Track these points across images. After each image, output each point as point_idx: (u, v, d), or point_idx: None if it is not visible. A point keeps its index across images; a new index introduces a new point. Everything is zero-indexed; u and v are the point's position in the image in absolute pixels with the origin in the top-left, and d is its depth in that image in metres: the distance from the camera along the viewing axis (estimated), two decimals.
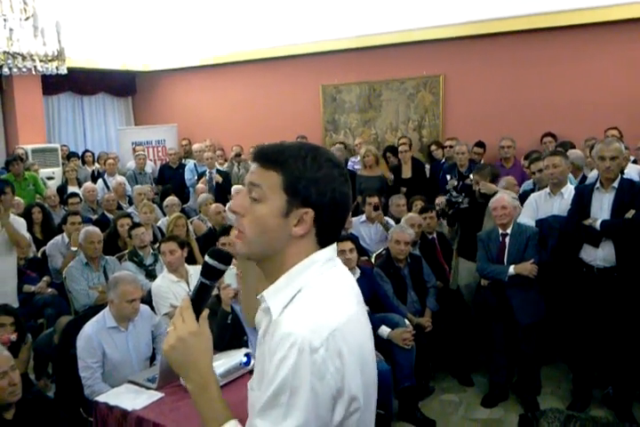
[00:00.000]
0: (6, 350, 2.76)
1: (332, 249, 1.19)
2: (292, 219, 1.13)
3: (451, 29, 7.73)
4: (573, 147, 6.31)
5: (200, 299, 1.23)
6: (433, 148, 7.71)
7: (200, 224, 6.30)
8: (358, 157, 7.44)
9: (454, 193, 4.91)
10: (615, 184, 3.81)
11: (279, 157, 1.14)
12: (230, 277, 3.46)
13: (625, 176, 3.98)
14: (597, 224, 3.73)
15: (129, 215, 5.90)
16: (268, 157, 1.15)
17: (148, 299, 4.05)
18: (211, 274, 1.23)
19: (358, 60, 8.74)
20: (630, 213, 3.70)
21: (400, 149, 7.17)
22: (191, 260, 4.95)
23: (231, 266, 3.75)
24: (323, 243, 1.17)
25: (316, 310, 1.08)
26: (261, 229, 1.15)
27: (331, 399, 1.05)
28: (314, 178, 1.12)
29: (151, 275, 4.88)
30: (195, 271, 4.36)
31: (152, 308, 3.89)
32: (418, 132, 8.50)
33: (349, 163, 7.88)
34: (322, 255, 1.16)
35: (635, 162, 5.77)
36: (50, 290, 5.12)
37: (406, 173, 7.09)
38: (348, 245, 4.13)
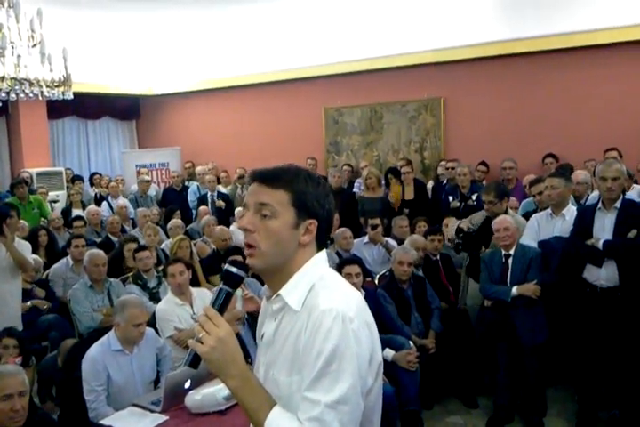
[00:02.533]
0: (24, 375, 2.72)
1: (325, 251, 1.41)
2: (300, 229, 1.33)
3: (450, 53, 7.85)
4: (572, 169, 6.35)
5: (223, 306, 1.32)
6: (443, 163, 7.70)
7: (204, 246, 6.32)
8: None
9: (465, 227, 4.86)
10: (617, 204, 3.84)
11: (284, 178, 1.33)
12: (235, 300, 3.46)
13: (626, 197, 4.00)
14: (600, 244, 3.75)
15: (136, 240, 5.91)
16: (274, 178, 1.34)
17: (151, 322, 4.05)
18: (232, 281, 1.33)
19: (360, 83, 8.85)
20: (632, 233, 3.72)
21: (402, 170, 7.22)
22: (194, 283, 4.95)
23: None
24: (320, 247, 1.39)
25: (339, 292, 1.31)
26: (275, 241, 1.31)
27: (368, 363, 1.26)
28: (315, 193, 1.35)
29: (155, 298, 4.89)
30: (198, 294, 4.36)
31: (156, 330, 3.90)
32: (419, 154, 8.56)
33: (355, 184, 7.92)
34: (323, 256, 1.39)
35: (637, 182, 5.80)
36: (45, 306, 5.10)
37: (409, 194, 7.12)
38: (355, 269, 4.13)
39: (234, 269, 1.33)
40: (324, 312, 1.23)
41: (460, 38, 7.73)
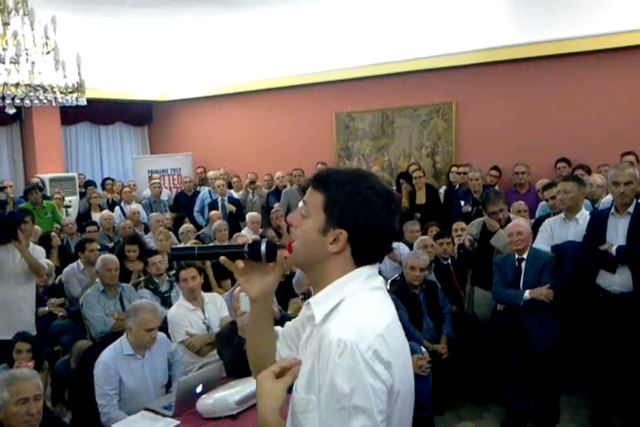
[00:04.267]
0: (38, 378, 2.74)
1: (372, 267, 1.30)
2: (329, 237, 1.27)
3: (462, 57, 7.84)
4: (589, 170, 6.32)
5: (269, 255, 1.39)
6: (454, 168, 7.67)
7: None
8: None
9: (467, 243, 4.81)
10: (630, 209, 3.82)
11: (325, 180, 1.30)
12: (246, 303, 3.46)
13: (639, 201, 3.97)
14: (613, 250, 3.72)
15: (137, 241, 5.91)
16: (318, 179, 1.32)
17: (163, 326, 4.06)
18: (254, 253, 1.38)
19: (371, 88, 8.86)
20: None
21: (414, 175, 7.21)
22: (206, 287, 4.97)
23: (245, 293, 3.72)
24: (359, 261, 1.29)
25: (360, 318, 1.20)
26: (304, 241, 1.31)
27: (385, 395, 1.16)
28: (349, 202, 1.25)
29: (167, 302, 4.90)
30: (210, 299, 4.37)
31: (168, 335, 3.91)
32: (431, 159, 8.54)
33: None
34: (363, 271, 1.29)
35: None
36: (62, 313, 5.15)
37: (420, 199, 7.11)
38: None
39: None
40: (331, 343, 1.15)
41: (470, 43, 7.72)
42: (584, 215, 4.30)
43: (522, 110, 7.70)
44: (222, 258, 1.38)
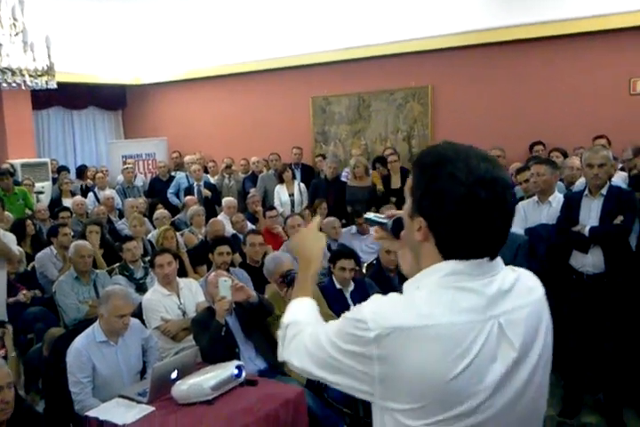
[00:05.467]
0: (6, 366, 2.71)
1: (461, 263, 1.17)
2: (415, 223, 1.19)
3: (437, 41, 7.81)
4: (565, 154, 6.37)
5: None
6: None
7: (191, 236, 6.29)
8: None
9: None
10: (604, 191, 3.85)
11: (416, 162, 1.22)
12: (225, 289, 3.45)
13: (612, 183, 4.01)
14: (586, 230, 3.76)
15: (99, 223, 5.91)
16: (414, 159, 1.24)
17: (138, 312, 4.03)
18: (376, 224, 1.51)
19: (347, 72, 8.80)
20: (618, 220, 3.74)
21: (389, 159, 7.21)
22: (181, 273, 4.93)
23: (225, 278, 3.68)
24: (445, 254, 1.18)
25: (395, 306, 1.16)
26: (404, 222, 1.27)
27: (355, 376, 1.16)
28: (427, 189, 1.15)
29: (142, 289, 4.85)
30: (185, 285, 4.35)
31: (142, 321, 3.87)
32: (407, 143, 8.54)
33: (343, 173, 7.89)
34: (445, 267, 1.17)
35: (622, 169, 5.82)
36: (30, 293, 5.06)
37: (395, 183, 7.13)
38: (351, 263, 4.20)
39: (372, 215, 1.52)
40: (353, 311, 1.18)
41: (447, 26, 7.69)
42: (557, 198, 4.34)
43: (497, 94, 7.71)
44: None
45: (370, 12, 8.14)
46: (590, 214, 3.85)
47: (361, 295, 4.22)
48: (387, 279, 4.45)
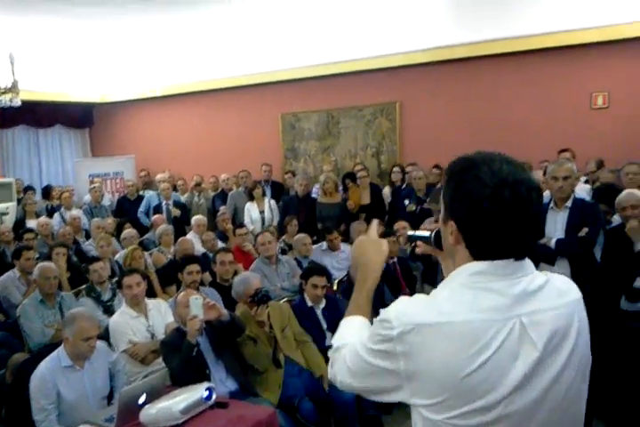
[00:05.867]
0: None
1: (488, 264, 1.22)
2: (448, 227, 1.27)
3: (404, 57, 7.92)
4: (531, 167, 6.47)
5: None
6: (396, 168, 7.73)
7: (160, 256, 6.20)
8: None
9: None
10: (568, 203, 3.92)
11: (447, 170, 1.29)
12: (196, 307, 3.40)
13: (577, 196, 4.08)
14: (552, 243, 3.81)
15: (65, 245, 5.81)
16: (446, 168, 1.32)
17: (105, 335, 3.94)
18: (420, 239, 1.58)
19: (317, 89, 8.86)
20: (584, 231, 3.80)
21: (358, 175, 7.24)
22: (150, 294, 4.84)
23: (196, 296, 3.63)
24: (475, 255, 1.23)
25: (418, 304, 1.23)
26: (441, 230, 1.34)
27: (385, 374, 1.23)
28: (455, 193, 1.23)
29: (109, 311, 4.74)
30: (154, 306, 4.27)
31: (110, 344, 3.78)
32: (376, 158, 8.60)
33: (313, 189, 7.89)
34: (471, 267, 1.23)
35: (587, 182, 5.94)
36: None
37: (365, 198, 7.15)
38: (323, 281, 4.19)
39: (412, 232, 1.59)
40: (385, 310, 1.26)
41: (414, 43, 7.80)
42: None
43: (464, 109, 7.83)
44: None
45: (338, 29, 8.20)
46: (556, 227, 3.90)
47: (332, 312, 4.21)
48: None
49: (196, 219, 7.07)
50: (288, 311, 4.05)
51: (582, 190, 5.15)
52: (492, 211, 1.18)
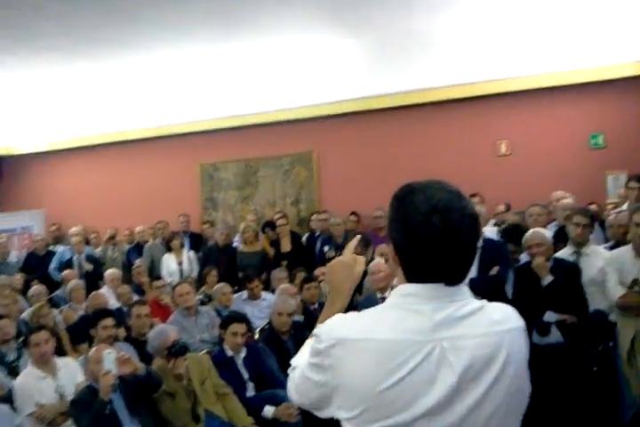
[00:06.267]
0: None
1: (419, 287, 1.25)
2: (390, 249, 1.32)
3: (318, 108, 8.15)
4: None
5: None
6: (314, 216, 7.80)
7: (71, 313, 5.89)
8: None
9: None
10: (479, 244, 4.07)
11: (392, 196, 1.34)
12: (109, 362, 3.23)
13: (486, 236, 4.26)
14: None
15: None
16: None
17: (9, 398, 3.66)
18: None
19: (234, 139, 8.91)
20: (494, 270, 3.95)
21: (278, 223, 7.27)
22: (60, 352, 4.57)
23: (109, 350, 3.47)
24: (409, 277, 1.27)
25: (343, 321, 1.30)
26: None
27: (317, 386, 1.27)
28: (393, 218, 1.29)
29: (14, 372, 4.42)
30: (64, 365, 4.06)
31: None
32: (295, 207, 8.67)
33: (235, 239, 7.81)
34: (404, 288, 1.28)
35: (495, 225, 6.21)
36: None
37: (285, 246, 7.16)
38: (242, 328, 4.14)
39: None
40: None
41: (326, 95, 8.07)
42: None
43: (376, 158, 8.07)
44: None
45: (253, 80, 8.41)
46: None
47: (254, 361, 4.12)
48: (280, 342, 4.37)
49: (110, 273, 6.85)
50: (207, 363, 3.93)
51: (491, 232, 5.37)
52: (422, 236, 1.22)
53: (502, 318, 1.29)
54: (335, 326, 1.28)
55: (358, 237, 1.67)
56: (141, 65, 8.38)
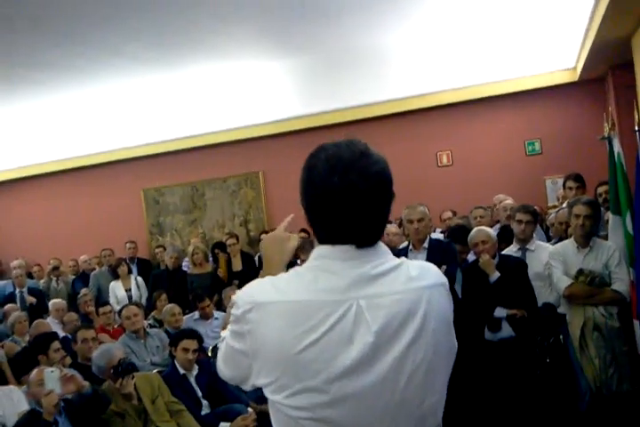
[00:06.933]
0: None
1: (330, 248, 1.23)
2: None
3: (259, 129, 8.20)
4: (390, 222, 6.79)
5: None
6: (264, 235, 7.75)
7: (12, 346, 5.61)
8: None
9: None
10: (425, 244, 4.12)
11: None
12: (52, 381, 3.07)
13: (432, 237, 4.31)
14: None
15: None
16: None
17: None
18: None
19: (178, 163, 8.81)
20: (442, 269, 3.96)
21: (228, 243, 7.19)
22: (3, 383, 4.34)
23: (52, 369, 3.32)
24: (320, 240, 1.25)
25: (259, 286, 1.25)
26: None
27: (239, 354, 1.23)
28: (300, 182, 1.26)
29: None
30: (5, 394, 3.85)
31: None
32: (244, 227, 8.60)
33: (184, 263, 7.66)
34: (317, 251, 1.25)
35: (442, 233, 6.30)
36: None
37: (237, 266, 7.07)
38: (194, 344, 4.08)
39: None
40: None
41: (269, 114, 8.12)
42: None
43: None
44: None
45: (193, 102, 8.38)
46: None
47: (207, 378, 4.00)
48: None
49: (54, 303, 6.63)
50: (158, 381, 3.79)
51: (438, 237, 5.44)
52: (323, 197, 1.19)
53: (420, 275, 1.26)
54: (251, 291, 1.25)
55: (292, 215, 1.62)
56: (81, 95, 8.25)
